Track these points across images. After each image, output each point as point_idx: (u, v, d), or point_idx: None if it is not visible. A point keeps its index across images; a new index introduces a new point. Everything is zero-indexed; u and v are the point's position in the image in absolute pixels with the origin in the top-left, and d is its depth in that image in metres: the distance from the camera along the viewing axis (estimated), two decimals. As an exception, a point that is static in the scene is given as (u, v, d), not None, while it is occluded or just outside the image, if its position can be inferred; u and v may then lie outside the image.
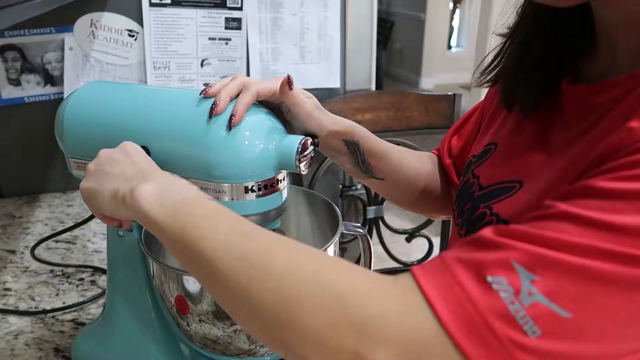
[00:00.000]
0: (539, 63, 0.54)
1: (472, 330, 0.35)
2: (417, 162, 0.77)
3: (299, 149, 0.57)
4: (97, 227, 1.12)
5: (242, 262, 0.42)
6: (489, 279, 0.36)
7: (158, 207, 0.47)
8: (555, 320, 0.35)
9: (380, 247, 1.42)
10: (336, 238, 0.62)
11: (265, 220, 0.60)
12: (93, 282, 0.94)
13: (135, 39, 1.28)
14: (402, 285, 0.39)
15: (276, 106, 0.63)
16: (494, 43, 0.60)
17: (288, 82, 0.60)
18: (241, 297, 0.41)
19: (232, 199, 0.57)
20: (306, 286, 0.39)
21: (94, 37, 1.25)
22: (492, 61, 0.60)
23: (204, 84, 0.59)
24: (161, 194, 0.48)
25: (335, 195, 1.51)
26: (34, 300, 0.89)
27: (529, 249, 0.36)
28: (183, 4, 1.28)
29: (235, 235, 0.43)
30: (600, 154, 0.40)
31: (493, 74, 0.61)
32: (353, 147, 0.68)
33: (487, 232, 0.39)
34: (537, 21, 0.54)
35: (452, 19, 5.85)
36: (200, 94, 0.58)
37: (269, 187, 0.58)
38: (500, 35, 0.59)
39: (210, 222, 0.45)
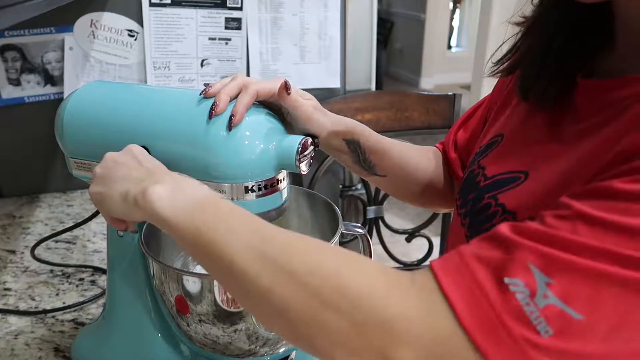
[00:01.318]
0: (560, 56, 0.54)
1: (490, 330, 0.36)
2: (420, 157, 0.76)
3: (299, 149, 0.57)
4: (97, 227, 1.12)
5: (261, 264, 0.42)
6: (507, 280, 0.37)
7: (172, 209, 0.46)
8: (567, 321, 0.36)
9: (380, 247, 1.42)
10: (336, 238, 0.62)
11: (266, 220, 0.59)
12: (93, 282, 0.94)
13: (135, 39, 1.28)
14: (421, 282, 0.39)
15: (276, 106, 0.63)
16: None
17: (285, 87, 0.60)
18: (262, 298, 0.41)
19: (232, 199, 0.57)
20: (327, 287, 0.40)
21: (94, 37, 1.25)
22: (509, 51, 0.60)
23: (204, 84, 0.59)
24: (173, 195, 0.47)
25: (335, 195, 1.51)
26: (34, 300, 0.89)
27: (546, 252, 0.37)
28: (183, 4, 1.28)
29: (253, 237, 0.43)
30: (623, 152, 0.40)
31: (507, 64, 0.60)
32: (354, 145, 0.68)
33: (504, 229, 0.39)
34: (558, 16, 0.53)
35: (452, 19, 5.85)
36: (200, 94, 0.58)
37: (269, 187, 0.58)
38: (516, 24, 0.58)
39: (226, 224, 0.44)
